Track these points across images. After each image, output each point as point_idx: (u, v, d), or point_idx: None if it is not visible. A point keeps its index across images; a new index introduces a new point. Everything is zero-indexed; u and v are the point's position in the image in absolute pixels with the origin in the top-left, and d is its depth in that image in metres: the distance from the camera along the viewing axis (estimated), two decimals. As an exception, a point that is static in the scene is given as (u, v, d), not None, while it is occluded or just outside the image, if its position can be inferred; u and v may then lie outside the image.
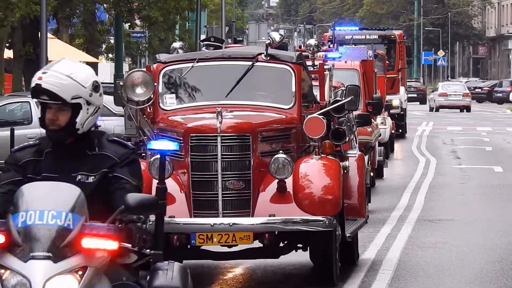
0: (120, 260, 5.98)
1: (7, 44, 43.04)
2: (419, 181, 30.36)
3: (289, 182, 12.78)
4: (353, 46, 32.09)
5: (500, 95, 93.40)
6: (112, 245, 5.77)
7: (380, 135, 28.66)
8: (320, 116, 13.46)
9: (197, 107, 13.67)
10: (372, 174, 23.62)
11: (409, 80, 78.50)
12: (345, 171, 14.26)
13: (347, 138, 14.73)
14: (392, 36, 46.81)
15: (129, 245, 5.91)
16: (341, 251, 14.14)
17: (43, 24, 33.76)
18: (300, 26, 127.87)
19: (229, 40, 54.93)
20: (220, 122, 12.62)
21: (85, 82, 6.18)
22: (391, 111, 39.73)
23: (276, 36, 14.27)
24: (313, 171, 12.95)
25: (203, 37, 46.75)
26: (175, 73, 13.99)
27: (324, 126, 13.30)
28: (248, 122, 13.08)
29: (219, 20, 68.78)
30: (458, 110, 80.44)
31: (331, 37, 30.23)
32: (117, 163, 6.25)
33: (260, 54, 13.80)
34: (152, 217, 5.97)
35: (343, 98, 14.44)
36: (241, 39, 56.95)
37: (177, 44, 15.14)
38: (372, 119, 23.58)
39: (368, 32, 48.50)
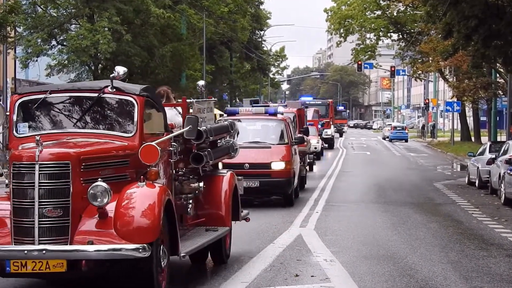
0: None
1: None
2: (339, 157, 48.57)
3: (113, 208, 9.09)
4: (293, 101, 41.84)
5: (369, 126, 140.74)
6: None
7: (313, 147, 36.40)
8: (155, 144, 9.66)
9: (45, 135, 9.82)
10: (307, 168, 29.74)
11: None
12: (196, 192, 11.34)
13: (205, 161, 11.44)
14: (328, 102, 66.19)
15: None
16: (212, 251, 11.95)
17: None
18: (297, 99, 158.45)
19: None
20: (40, 151, 8.99)
21: None
22: (324, 136, 54.81)
23: (121, 70, 10.24)
24: (134, 199, 9.20)
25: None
26: (30, 104, 10.23)
27: (158, 153, 9.60)
28: (67, 151, 9.28)
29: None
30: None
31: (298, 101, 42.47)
32: None
33: (107, 86, 10.12)
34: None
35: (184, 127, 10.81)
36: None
37: (201, 82, 12.68)
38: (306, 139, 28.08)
39: (318, 99, 73.62)
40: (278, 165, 20.56)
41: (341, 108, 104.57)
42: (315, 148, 40.16)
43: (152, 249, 8.99)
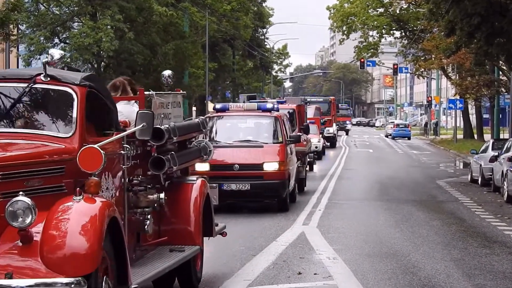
0: None
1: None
2: (342, 154, 47.91)
3: (40, 230, 6.93)
4: (293, 98, 40.30)
5: (372, 124, 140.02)
6: None
7: (314, 147, 34.31)
8: (97, 146, 7.48)
9: None
10: (307, 168, 27.20)
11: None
12: (156, 205, 9.07)
13: (168, 166, 9.31)
14: (330, 99, 60.16)
15: None
16: (179, 275, 9.79)
17: (207, 98, 60.12)
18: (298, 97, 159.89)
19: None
20: None
21: None
22: (326, 134, 51.07)
23: (56, 54, 8.09)
24: (67, 218, 7.01)
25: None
26: None
27: (102, 158, 7.41)
28: None
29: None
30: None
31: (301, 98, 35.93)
32: None
33: (39, 74, 7.94)
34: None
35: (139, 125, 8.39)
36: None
37: (166, 72, 10.32)
38: (307, 138, 26.17)
39: (320, 97, 66.93)
40: (271, 166, 18.41)
41: (345, 105, 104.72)
42: (316, 147, 37.84)
43: (89, 282, 6.85)
